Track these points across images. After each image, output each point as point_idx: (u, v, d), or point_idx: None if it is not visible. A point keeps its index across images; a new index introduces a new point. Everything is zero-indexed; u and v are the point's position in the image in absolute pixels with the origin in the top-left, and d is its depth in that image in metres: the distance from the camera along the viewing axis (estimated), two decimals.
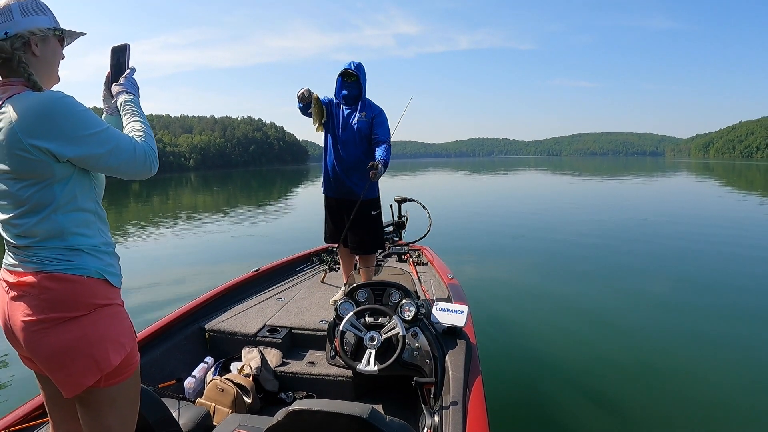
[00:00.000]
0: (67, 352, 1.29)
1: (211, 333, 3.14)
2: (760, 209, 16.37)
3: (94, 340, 1.31)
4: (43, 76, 1.38)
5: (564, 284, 6.86)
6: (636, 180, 34.48)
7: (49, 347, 1.29)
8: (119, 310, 1.41)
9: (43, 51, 1.37)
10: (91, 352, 1.30)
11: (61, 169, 1.28)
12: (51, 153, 1.24)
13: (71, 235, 1.32)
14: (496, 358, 4.11)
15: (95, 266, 1.34)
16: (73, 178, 1.31)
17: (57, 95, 1.27)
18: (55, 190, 1.29)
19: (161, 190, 34.04)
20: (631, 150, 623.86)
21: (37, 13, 1.34)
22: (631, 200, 19.87)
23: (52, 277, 1.29)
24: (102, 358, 1.32)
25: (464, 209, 16.18)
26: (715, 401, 3.56)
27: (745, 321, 5.18)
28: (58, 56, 1.44)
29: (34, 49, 1.35)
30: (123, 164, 1.35)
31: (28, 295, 1.29)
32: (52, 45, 1.40)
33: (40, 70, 1.37)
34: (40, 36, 1.35)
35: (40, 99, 1.25)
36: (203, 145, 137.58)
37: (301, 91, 3.42)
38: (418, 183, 34.91)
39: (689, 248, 9.15)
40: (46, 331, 1.28)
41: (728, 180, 35.62)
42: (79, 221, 1.34)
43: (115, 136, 1.33)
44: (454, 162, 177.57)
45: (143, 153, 1.38)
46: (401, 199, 4.84)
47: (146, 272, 7.85)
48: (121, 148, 1.33)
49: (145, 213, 19.14)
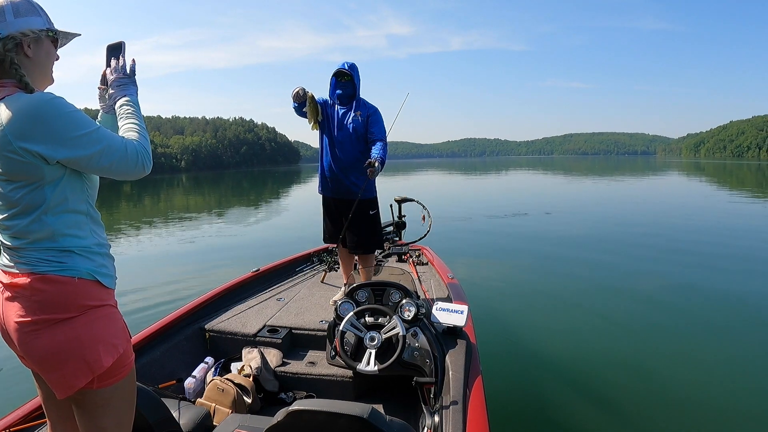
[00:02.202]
0: (59, 354, 1.29)
1: (211, 333, 3.14)
2: (752, 207, 16.58)
3: (85, 341, 1.31)
4: (37, 78, 1.38)
5: (564, 284, 6.85)
6: (629, 180, 34.65)
7: (41, 348, 1.29)
8: (112, 311, 1.41)
9: (36, 52, 1.36)
10: (83, 353, 1.30)
11: (51, 171, 1.27)
12: (41, 156, 1.24)
13: (62, 237, 1.32)
14: (496, 358, 4.11)
15: (87, 268, 1.34)
16: (63, 180, 1.31)
17: (47, 97, 1.26)
18: (46, 191, 1.28)
19: (152, 191, 33.82)
20: (622, 150, 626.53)
21: (30, 15, 1.34)
22: (626, 200, 19.94)
23: (43, 279, 1.29)
24: (93, 360, 1.32)
25: (463, 209, 16.16)
26: (715, 401, 3.55)
27: (744, 320, 5.20)
28: (52, 57, 1.43)
29: (26, 51, 1.34)
30: (114, 164, 1.34)
31: (21, 296, 1.29)
32: (45, 46, 1.39)
33: (33, 71, 1.37)
34: (32, 37, 1.35)
35: (29, 101, 1.24)
36: (195, 146, 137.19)
37: (295, 90, 3.41)
38: (415, 183, 34.85)
39: (688, 248, 9.17)
40: (38, 333, 1.28)
41: (719, 179, 35.89)
42: (71, 222, 1.34)
43: (105, 137, 1.32)
44: (446, 162, 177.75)
45: (135, 152, 1.38)
46: (401, 199, 4.84)
47: (140, 274, 7.79)
48: (112, 148, 1.33)
49: (136, 214, 19.01)
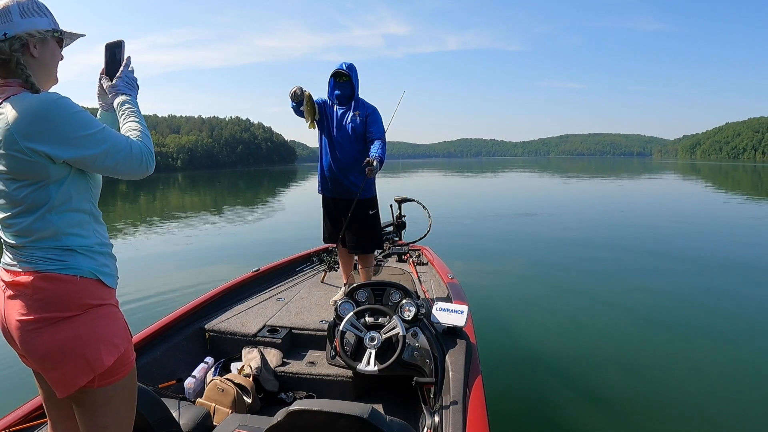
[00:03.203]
0: (59, 352, 1.29)
1: (211, 333, 3.14)
2: (749, 209, 16.68)
3: (86, 340, 1.31)
4: (42, 78, 1.39)
5: (564, 284, 6.85)
6: (625, 181, 34.75)
7: (42, 347, 1.29)
8: (113, 310, 1.41)
9: (41, 52, 1.37)
10: (84, 352, 1.30)
11: (56, 170, 1.28)
12: (47, 155, 1.24)
13: (65, 236, 1.33)
14: (496, 358, 4.10)
15: (88, 266, 1.35)
16: (69, 179, 1.32)
17: (53, 97, 1.27)
18: (51, 190, 1.29)
19: (148, 190, 33.66)
20: (618, 151, 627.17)
21: (37, 15, 1.35)
22: (623, 200, 20.04)
23: (45, 277, 1.29)
24: (94, 359, 1.32)
25: (463, 209, 16.19)
26: (714, 401, 3.56)
27: (742, 320, 5.22)
28: (57, 57, 1.44)
29: (32, 51, 1.35)
30: (119, 164, 1.35)
31: (23, 294, 1.30)
32: (50, 46, 1.40)
33: (39, 71, 1.37)
34: (38, 38, 1.35)
35: (36, 101, 1.25)
36: (191, 145, 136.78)
37: (293, 89, 3.41)
38: (412, 184, 34.86)
39: (687, 248, 9.22)
40: (39, 331, 1.28)
41: (715, 181, 36.04)
42: (74, 222, 1.35)
43: (110, 137, 1.33)
44: (442, 162, 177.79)
45: (139, 152, 1.39)
46: (401, 199, 4.85)
47: (139, 273, 7.76)
48: (117, 148, 1.34)
49: (133, 213, 18.93)
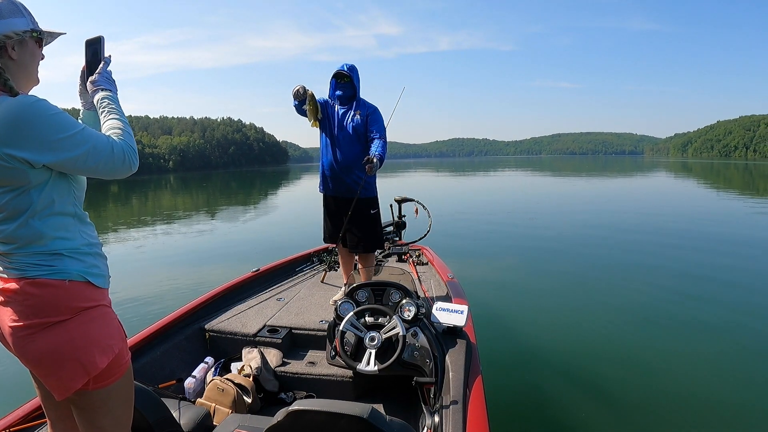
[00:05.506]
0: (53, 357, 1.29)
1: (211, 333, 3.13)
2: (740, 205, 16.82)
3: (79, 343, 1.30)
4: (21, 79, 1.36)
5: (564, 283, 6.83)
6: (619, 179, 34.87)
7: (36, 352, 1.28)
8: (106, 311, 1.40)
9: (20, 54, 1.34)
10: (77, 355, 1.30)
11: (36, 175, 1.26)
12: (26, 161, 1.22)
13: (51, 240, 1.31)
14: (496, 358, 4.10)
15: (77, 269, 1.33)
16: (50, 183, 1.29)
17: (29, 100, 1.23)
18: (32, 195, 1.27)
19: (140, 191, 33.46)
20: (610, 150, 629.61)
21: (14, 16, 1.31)
22: (620, 199, 20.10)
23: (33, 283, 1.28)
24: (88, 362, 1.31)
25: (462, 209, 16.17)
26: (715, 399, 3.56)
27: (741, 317, 5.22)
28: (37, 58, 1.41)
29: (11, 53, 1.32)
30: (101, 164, 1.33)
31: (14, 301, 1.28)
32: (30, 47, 1.37)
33: (18, 73, 1.35)
34: (16, 39, 1.32)
35: (12, 105, 1.21)
36: (182, 146, 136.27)
37: (296, 88, 3.41)
38: (408, 183, 34.82)
39: (685, 246, 9.21)
40: (32, 337, 1.28)
41: (707, 178, 36.21)
42: (58, 225, 1.32)
43: (91, 137, 1.31)
44: (434, 162, 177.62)
45: (121, 151, 1.36)
46: (401, 199, 4.85)
47: (136, 274, 7.75)
48: (98, 149, 1.31)
49: (125, 215, 18.84)
